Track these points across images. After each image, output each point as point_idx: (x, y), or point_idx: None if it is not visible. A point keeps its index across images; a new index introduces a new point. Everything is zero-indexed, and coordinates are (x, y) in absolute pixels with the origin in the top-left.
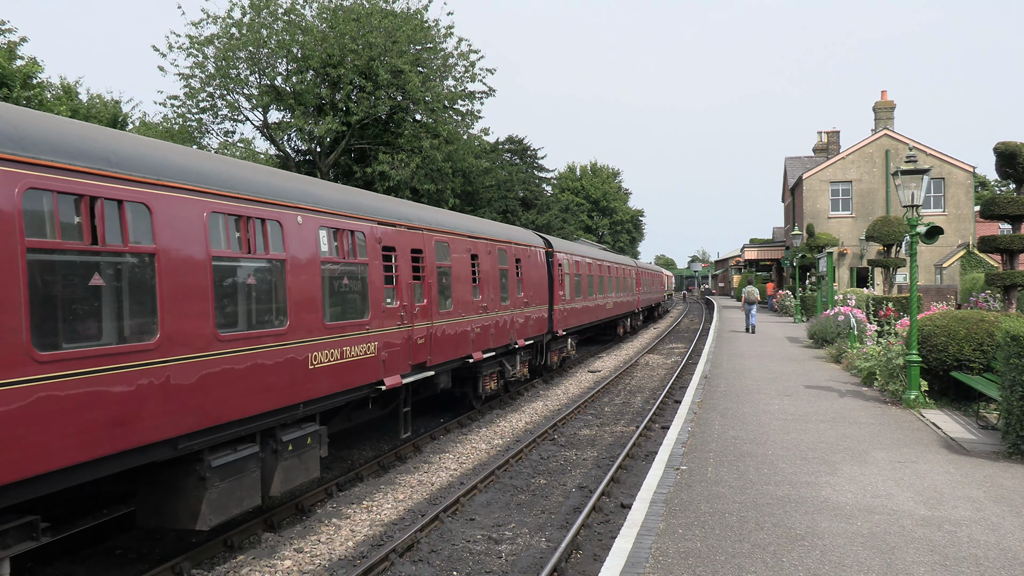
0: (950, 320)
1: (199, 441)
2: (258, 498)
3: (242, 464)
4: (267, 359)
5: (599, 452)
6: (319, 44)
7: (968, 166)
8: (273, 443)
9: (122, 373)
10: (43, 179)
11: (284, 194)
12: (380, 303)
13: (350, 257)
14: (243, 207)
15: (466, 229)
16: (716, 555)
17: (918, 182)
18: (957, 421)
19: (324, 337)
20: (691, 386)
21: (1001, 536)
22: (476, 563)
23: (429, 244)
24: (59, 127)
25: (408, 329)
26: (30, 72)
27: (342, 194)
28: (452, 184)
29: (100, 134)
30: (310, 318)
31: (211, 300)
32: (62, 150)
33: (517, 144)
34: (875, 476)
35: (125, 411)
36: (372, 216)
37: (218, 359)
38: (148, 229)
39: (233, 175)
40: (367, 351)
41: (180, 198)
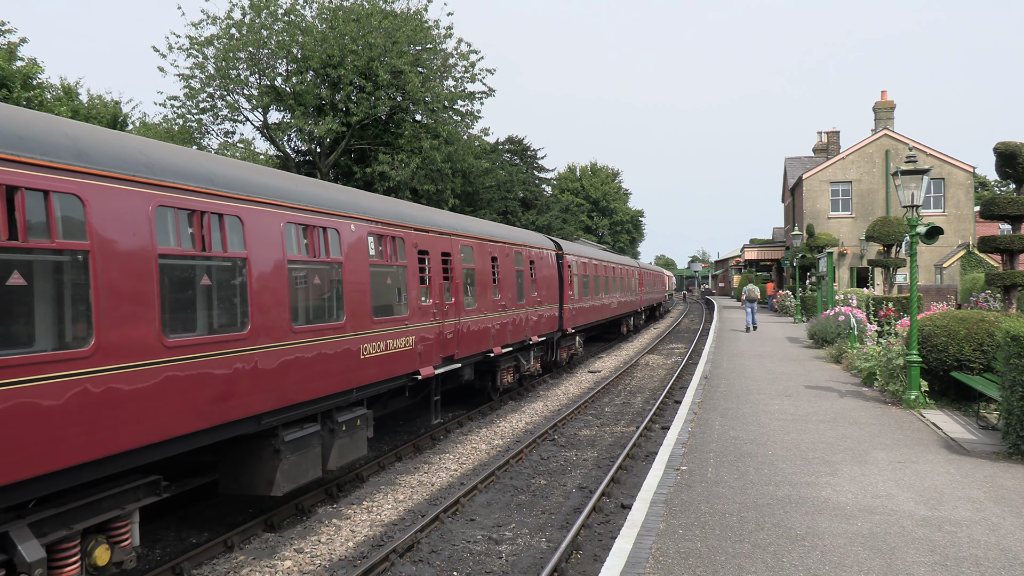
0: (950, 320)
1: (276, 418)
2: (319, 470)
3: (307, 440)
4: (329, 349)
5: (599, 452)
6: (319, 45)
7: (968, 166)
8: (330, 423)
9: (223, 358)
10: (168, 198)
11: (340, 205)
12: (416, 301)
13: (392, 260)
14: (310, 218)
15: (487, 234)
16: (716, 555)
17: (918, 182)
18: (957, 421)
19: (373, 331)
20: (691, 386)
21: (1001, 536)
22: (476, 563)
23: (456, 248)
24: (179, 155)
25: (439, 325)
26: (30, 73)
27: (385, 204)
28: (452, 184)
29: (204, 159)
30: (362, 314)
31: (287, 298)
32: (180, 174)
33: (517, 144)
34: (875, 476)
35: (224, 390)
36: (410, 224)
37: (292, 348)
38: (240, 239)
39: (301, 191)
40: (406, 344)
41: (264, 211)
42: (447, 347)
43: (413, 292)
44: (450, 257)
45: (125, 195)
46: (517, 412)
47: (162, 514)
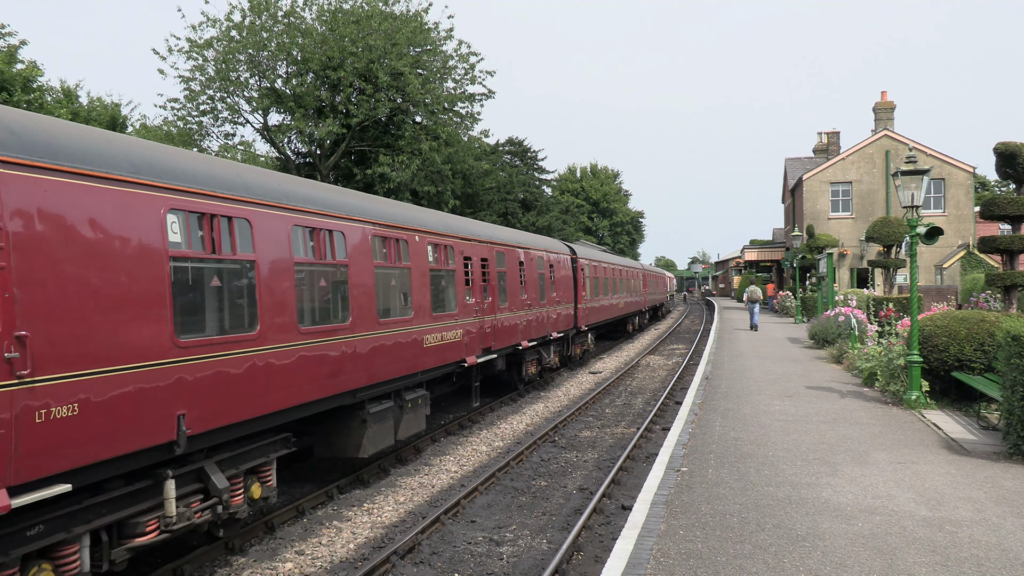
0: (951, 320)
1: (365, 393)
2: (392, 439)
3: (385, 413)
4: (402, 339)
5: (600, 454)
6: (319, 46)
7: (968, 166)
8: (400, 400)
9: (334, 343)
10: (300, 219)
11: (408, 220)
12: (463, 300)
13: (445, 265)
14: (387, 231)
15: (516, 241)
16: (717, 556)
17: (918, 183)
18: (958, 422)
19: (432, 324)
20: (692, 387)
21: (1002, 537)
22: (477, 565)
23: (492, 254)
24: (307, 187)
25: (480, 320)
26: (30, 76)
27: (440, 218)
28: (452, 186)
29: (323, 190)
30: (424, 310)
31: (374, 296)
32: (307, 199)
33: (517, 146)
34: (876, 477)
35: (334, 368)
36: (457, 234)
37: (378, 337)
38: (344, 250)
39: (382, 211)
40: (455, 336)
41: (357, 227)
42: (486, 340)
43: (460, 292)
44: (487, 262)
45: (273, 217)
46: (517, 414)
47: None
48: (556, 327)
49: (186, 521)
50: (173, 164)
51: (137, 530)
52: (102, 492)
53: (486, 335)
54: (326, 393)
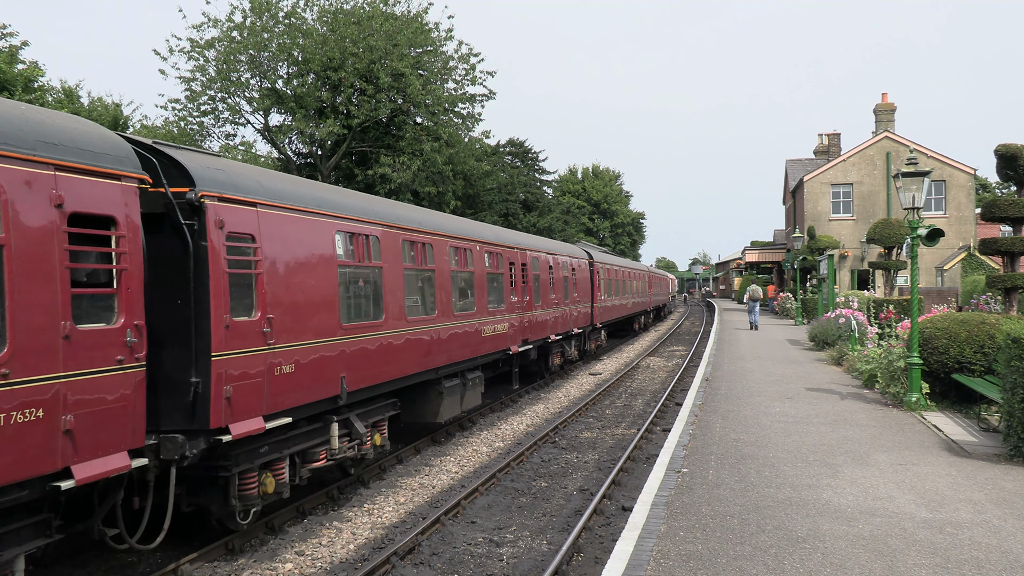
0: (951, 322)
1: (443, 371)
2: (459, 410)
3: (455, 388)
4: (468, 328)
5: (600, 455)
6: (320, 47)
7: (969, 168)
8: (463, 379)
9: (427, 330)
10: (408, 235)
11: (472, 233)
12: (509, 298)
13: (497, 269)
14: (457, 242)
15: (546, 248)
16: (718, 557)
17: (919, 184)
18: (958, 423)
19: (488, 318)
20: (692, 388)
21: (1002, 539)
22: (477, 566)
23: (529, 260)
24: (418, 213)
25: (520, 316)
26: (31, 76)
27: (493, 231)
28: (453, 187)
29: (433, 216)
30: (483, 306)
31: (451, 293)
32: (415, 221)
33: (518, 147)
34: (876, 479)
35: (426, 350)
36: (504, 243)
37: (453, 326)
38: (432, 257)
39: (452, 226)
40: (504, 328)
41: (443, 240)
42: (524, 332)
43: (507, 292)
44: (526, 267)
45: (391, 235)
46: (518, 414)
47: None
48: (576, 323)
49: (342, 454)
50: (337, 199)
51: (314, 457)
52: (295, 428)
53: (524, 328)
54: (420, 369)
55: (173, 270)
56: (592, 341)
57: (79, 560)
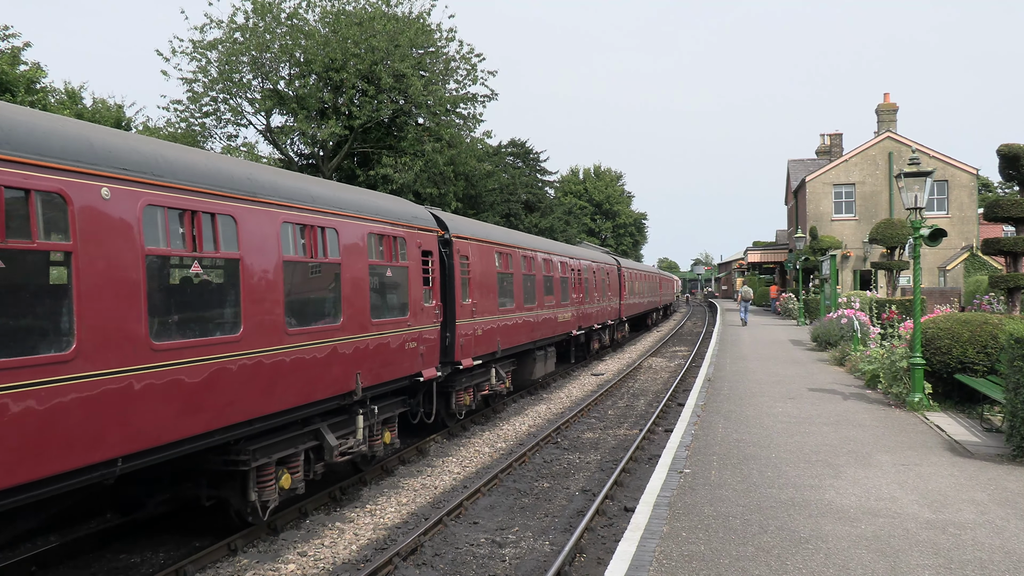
0: (954, 323)
1: (535, 344)
2: (543, 372)
3: (541, 357)
4: (550, 316)
5: (602, 455)
6: (322, 48)
7: (971, 168)
8: (546, 352)
9: (532, 315)
10: (517, 252)
11: (555, 248)
12: (571, 295)
13: (565, 273)
14: (548, 256)
15: (591, 257)
16: (720, 558)
17: (921, 184)
18: (961, 424)
19: (559, 310)
20: (694, 389)
21: (1006, 539)
22: (480, 566)
23: (581, 267)
24: (503, 233)
25: (577, 308)
26: (33, 77)
27: (563, 247)
28: (455, 187)
29: (519, 237)
30: (559, 300)
31: (543, 290)
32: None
33: (520, 147)
34: (879, 479)
35: (528, 331)
36: (569, 254)
37: (544, 313)
38: (531, 265)
39: (546, 245)
40: (568, 317)
41: (518, 252)
42: (580, 321)
43: (571, 290)
44: (580, 272)
45: (529, 254)
46: (520, 415)
47: (164, 519)
48: (609, 316)
49: (493, 389)
50: (517, 238)
51: (482, 387)
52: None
53: (580, 317)
54: (527, 340)
55: (438, 274)
56: (619, 331)
57: (82, 561)
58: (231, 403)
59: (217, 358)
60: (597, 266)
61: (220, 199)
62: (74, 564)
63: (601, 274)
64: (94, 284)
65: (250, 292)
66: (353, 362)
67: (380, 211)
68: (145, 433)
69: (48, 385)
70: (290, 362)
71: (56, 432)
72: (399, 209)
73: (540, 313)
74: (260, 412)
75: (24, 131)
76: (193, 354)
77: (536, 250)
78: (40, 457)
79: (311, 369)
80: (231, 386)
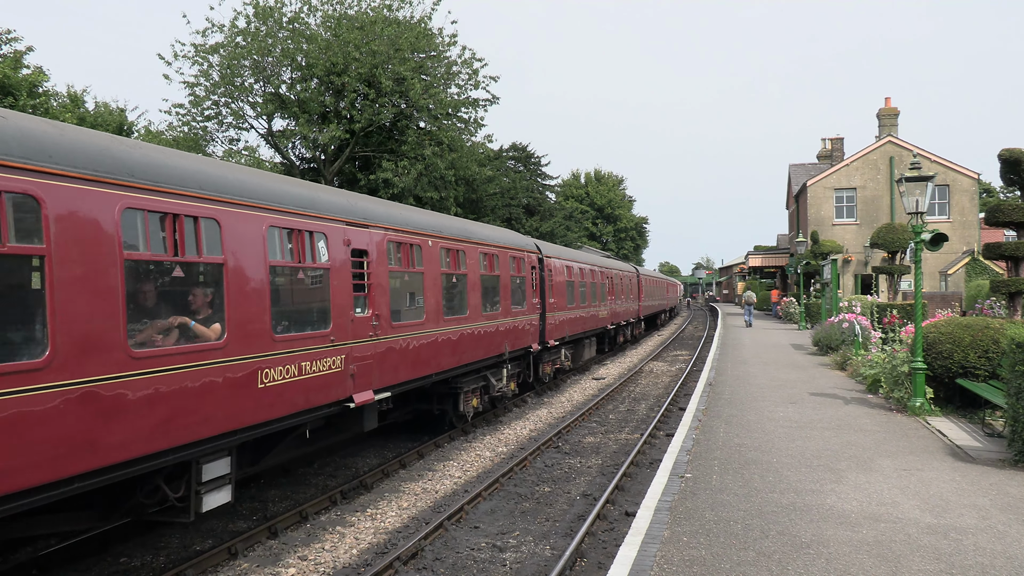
0: (955, 327)
1: (582, 335)
2: (588, 357)
3: (587, 344)
4: (594, 314)
5: (603, 460)
6: (323, 52)
7: (973, 172)
8: (589, 340)
9: (580, 313)
10: (583, 266)
11: (586, 259)
12: (605, 297)
13: (601, 280)
14: (592, 267)
15: (617, 267)
16: (721, 563)
17: (922, 189)
18: (963, 428)
19: (599, 309)
20: (695, 393)
21: (1008, 544)
22: (480, 571)
23: (612, 276)
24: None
25: (610, 307)
26: (35, 81)
27: (602, 260)
28: (455, 192)
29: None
30: (600, 301)
31: (590, 293)
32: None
33: (521, 151)
34: (880, 484)
35: (581, 325)
36: (601, 264)
37: (589, 311)
38: (595, 275)
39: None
40: (605, 314)
41: (579, 267)
42: (612, 318)
43: (608, 293)
44: (612, 279)
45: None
46: (521, 419)
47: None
48: (631, 316)
49: (560, 364)
50: (596, 259)
51: (555, 362)
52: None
53: (612, 315)
54: (582, 330)
55: (539, 282)
56: (637, 328)
57: (82, 564)
58: (457, 358)
59: (458, 328)
60: (623, 274)
61: (413, 235)
62: (75, 567)
63: (625, 280)
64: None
65: (472, 291)
66: (504, 336)
67: (512, 242)
68: (438, 364)
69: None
70: (477, 334)
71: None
72: (519, 240)
73: (588, 311)
74: (464, 362)
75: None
76: (454, 323)
77: (586, 263)
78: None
79: (484, 339)
80: (460, 347)
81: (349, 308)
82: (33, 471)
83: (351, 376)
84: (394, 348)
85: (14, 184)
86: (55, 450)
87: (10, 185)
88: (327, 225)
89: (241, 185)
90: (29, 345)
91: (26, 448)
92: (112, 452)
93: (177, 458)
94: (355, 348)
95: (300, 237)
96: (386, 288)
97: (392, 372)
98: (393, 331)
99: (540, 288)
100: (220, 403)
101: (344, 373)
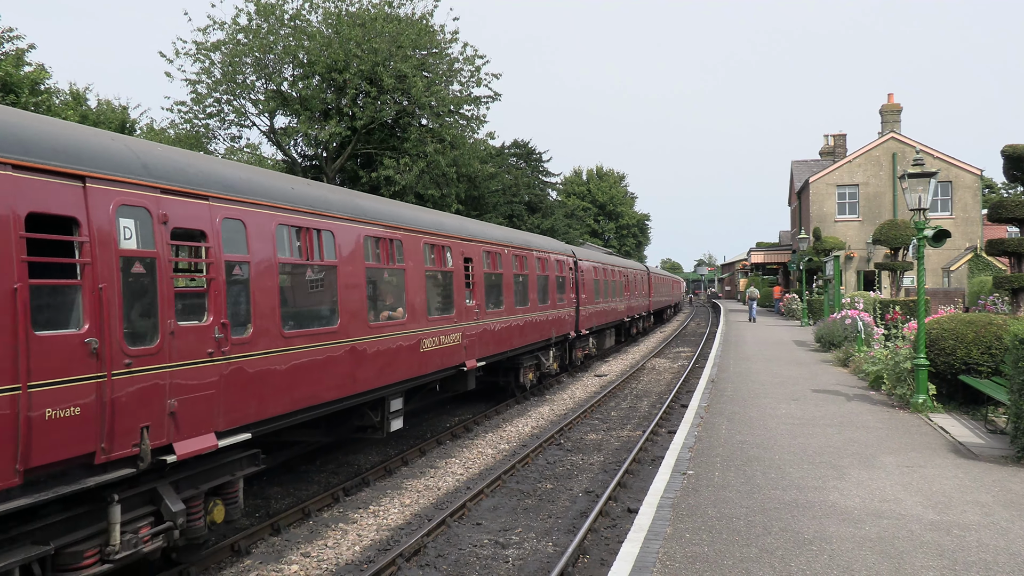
0: (958, 323)
1: (607, 326)
2: (608, 345)
3: (609, 334)
4: (615, 307)
5: (606, 457)
6: (324, 49)
7: (975, 169)
8: (609, 331)
9: (604, 306)
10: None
11: (606, 260)
12: (623, 293)
13: (622, 278)
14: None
15: (631, 266)
16: (723, 560)
17: (925, 185)
18: (965, 425)
19: (618, 303)
20: (698, 390)
21: (1011, 541)
22: (483, 567)
23: (628, 273)
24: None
25: (627, 302)
26: (37, 79)
27: (622, 261)
28: (456, 189)
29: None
30: (621, 296)
31: (611, 292)
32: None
33: (522, 148)
34: (883, 480)
35: (606, 318)
36: (620, 264)
37: (611, 305)
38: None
39: (615, 260)
40: (623, 308)
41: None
42: (628, 312)
43: (625, 290)
44: (628, 277)
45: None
46: (523, 416)
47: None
48: (643, 310)
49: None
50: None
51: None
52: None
53: (628, 309)
54: (606, 322)
55: (574, 281)
56: (647, 321)
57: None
58: (523, 339)
59: (523, 316)
60: (636, 273)
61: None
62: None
63: (639, 278)
64: None
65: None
66: (551, 323)
67: (557, 248)
68: (511, 343)
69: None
70: (535, 322)
71: None
72: (561, 247)
73: (610, 304)
74: (527, 343)
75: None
76: (521, 313)
77: (608, 264)
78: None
79: (539, 326)
80: (524, 331)
81: (463, 299)
82: (331, 391)
83: (464, 348)
84: (488, 329)
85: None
86: (340, 379)
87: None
88: (450, 241)
89: (416, 219)
90: (332, 317)
91: (329, 377)
92: (359, 384)
93: (382, 393)
94: (467, 328)
95: (439, 251)
96: (483, 285)
97: (485, 347)
98: (486, 317)
99: (575, 286)
100: (402, 359)
101: (460, 346)
